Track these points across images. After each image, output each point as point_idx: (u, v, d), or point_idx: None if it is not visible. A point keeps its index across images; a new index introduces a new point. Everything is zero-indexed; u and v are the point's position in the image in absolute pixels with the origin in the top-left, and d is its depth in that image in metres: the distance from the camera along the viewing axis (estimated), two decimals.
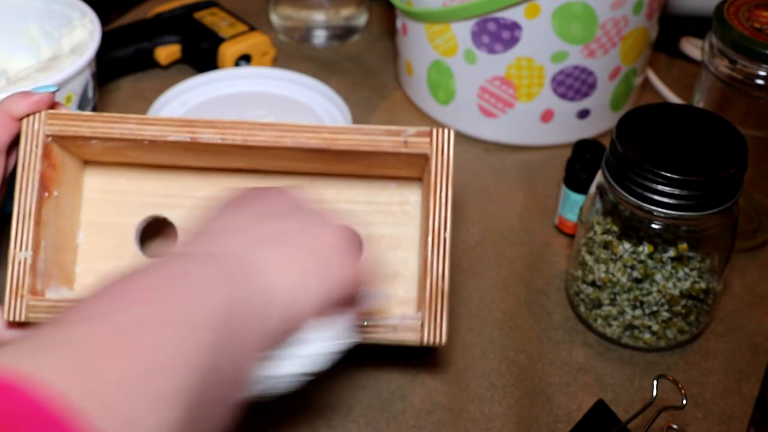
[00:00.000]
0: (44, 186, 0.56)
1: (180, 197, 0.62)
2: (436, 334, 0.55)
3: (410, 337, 0.55)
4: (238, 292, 0.40)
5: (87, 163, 0.62)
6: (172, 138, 0.56)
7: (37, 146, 0.55)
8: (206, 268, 0.40)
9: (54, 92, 0.56)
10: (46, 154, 0.56)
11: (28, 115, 0.56)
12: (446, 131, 0.56)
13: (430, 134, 0.56)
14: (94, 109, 0.75)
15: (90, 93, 0.73)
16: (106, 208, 0.62)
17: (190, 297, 0.38)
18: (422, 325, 0.55)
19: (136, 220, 0.62)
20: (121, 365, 0.33)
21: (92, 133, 0.56)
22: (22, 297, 0.54)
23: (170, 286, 0.38)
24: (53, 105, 0.57)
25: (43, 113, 0.56)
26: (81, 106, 0.72)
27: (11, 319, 0.54)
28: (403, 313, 0.59)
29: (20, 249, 0.54)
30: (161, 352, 0.34)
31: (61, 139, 0.57)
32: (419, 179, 0.61)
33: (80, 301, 0.36)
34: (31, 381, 0.29)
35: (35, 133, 0.55)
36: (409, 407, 0.62)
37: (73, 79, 0.69)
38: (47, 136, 0.56)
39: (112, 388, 0.32)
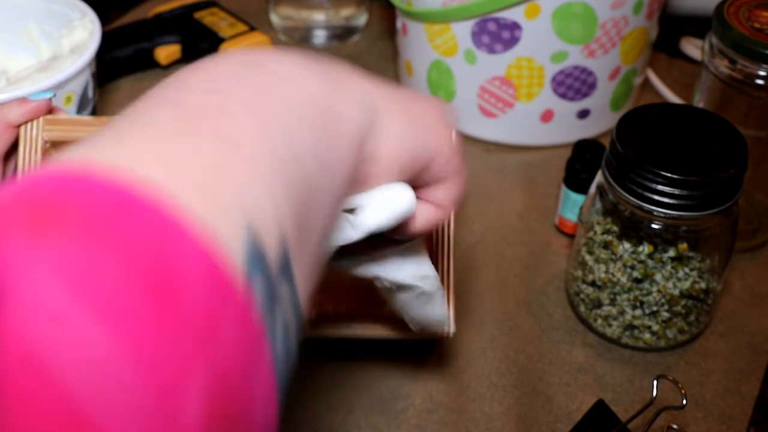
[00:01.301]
0: None
1: None
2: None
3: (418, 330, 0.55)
4: (334, 101, 0.34)
5: None
6: None
7: (36, 153, 0.55)
8: (306, 68, 0.34)
9: (50, 98, 0.56)
10: (46, 161, 0.55)
11: (25, 123, 0.55)
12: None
13: None
14: (94, 110, 0.75)
15: (90, 93, 0.73)
16: None
17: (286, 83, 0.32)
18: None
19: None
20: (212, 139, 0.28)
21: None
22: None
23: (261, 75, 0.32)
24: (51, 110, 0.56)
25: (40, 119, 0.55)
26: (81, 106, 0.72)
27: None
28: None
29: None
30: (264, 128, 0.29)
31: (60, 145, 0.56)
32: None
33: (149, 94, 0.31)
34: (105, 169, 0.24)
35: (34, 140, 0.55)
36: (410, 407, 0.62)
37: (73, 79, 0.69)
38: (46, 142, 0.55)
39: (196, 162, 0.26)
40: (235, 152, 0.27)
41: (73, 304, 0.21)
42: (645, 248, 0.62)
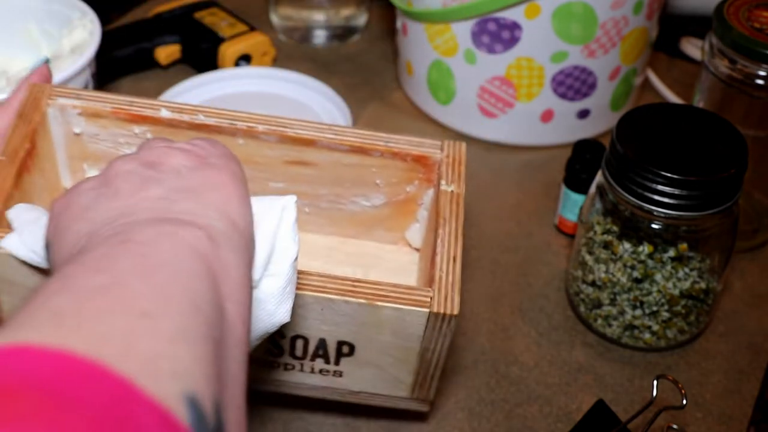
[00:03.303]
0: (32, 142, 0.55)
1: None
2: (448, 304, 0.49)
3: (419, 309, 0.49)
4: (209, 228, 0.37)
5: None
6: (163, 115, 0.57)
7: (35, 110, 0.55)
8: (174, 226, 0.37)
9: (46, 62, 0.58)
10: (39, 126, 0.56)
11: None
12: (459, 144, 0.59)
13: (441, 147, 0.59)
14: None
15: None
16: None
17: (173, 242, 0.35)
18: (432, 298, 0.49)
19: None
20: (125, 312, 0.30)
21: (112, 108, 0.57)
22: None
23: (149, 241, 0.35)
24: (49, 78, 0.58)
25: (47, 87, 0.57)
26: None
27: None
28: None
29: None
30: (162, 290, 0.32)
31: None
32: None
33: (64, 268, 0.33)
34: (55, 351, 0.27)
35: (37, 101, 0.56)
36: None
37: (73, 79, 0.69)
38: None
39: (123, 335, 0.29)
40: (147, 319, 0.30)
41: None
42: (645, 248, 0.62)
